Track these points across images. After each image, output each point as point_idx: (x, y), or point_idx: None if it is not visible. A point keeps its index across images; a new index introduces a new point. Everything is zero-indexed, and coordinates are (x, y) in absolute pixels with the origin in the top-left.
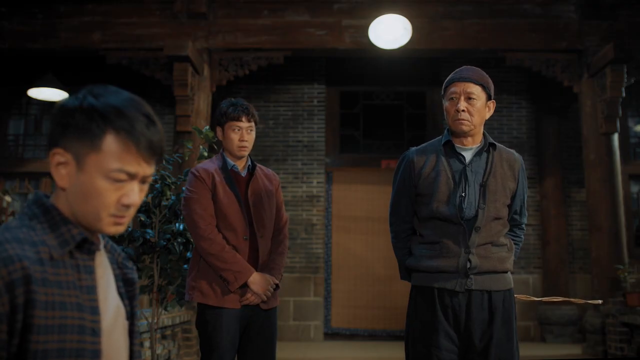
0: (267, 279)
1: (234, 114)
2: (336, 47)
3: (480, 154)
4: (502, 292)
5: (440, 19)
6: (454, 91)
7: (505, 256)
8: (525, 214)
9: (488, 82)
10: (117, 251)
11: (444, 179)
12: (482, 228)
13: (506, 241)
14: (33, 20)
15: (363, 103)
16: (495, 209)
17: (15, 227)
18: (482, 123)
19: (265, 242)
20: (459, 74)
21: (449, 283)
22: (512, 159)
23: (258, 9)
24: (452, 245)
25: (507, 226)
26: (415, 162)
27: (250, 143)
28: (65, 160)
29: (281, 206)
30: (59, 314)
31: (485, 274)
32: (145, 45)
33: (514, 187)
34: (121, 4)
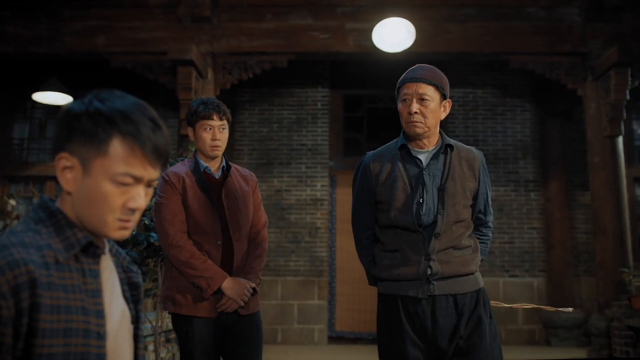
0: (241, 283)
1: (204, 112)
2: (340, 51)
3: (438, 156)
4: (469, 294)
5: (444, 22)
6: (405, 92)
7: (469, 258)
8: (491, 211)
9: (442, 80)
10: (122, 255)
11: (400, 186)
12: (442, 234)
13: (470, 242)
14: (37, 24)
15: (367, 106)
16: (455, 212)
17: (20, 231)
18: (437, 124)
19: (241, 245)
20: (410, 74)
21: (411, 290)
22: (472, 158)
23: (262, 12)
24: (411, 253)
25: (471, 227)
26: (372, 168)
27: (223, 142)
28: (71, 164)
29: (259, 207)
30: (64, 317)
31: (448, 278)
32: (149, 49)
33: (474, 187)
34: (125, 8)
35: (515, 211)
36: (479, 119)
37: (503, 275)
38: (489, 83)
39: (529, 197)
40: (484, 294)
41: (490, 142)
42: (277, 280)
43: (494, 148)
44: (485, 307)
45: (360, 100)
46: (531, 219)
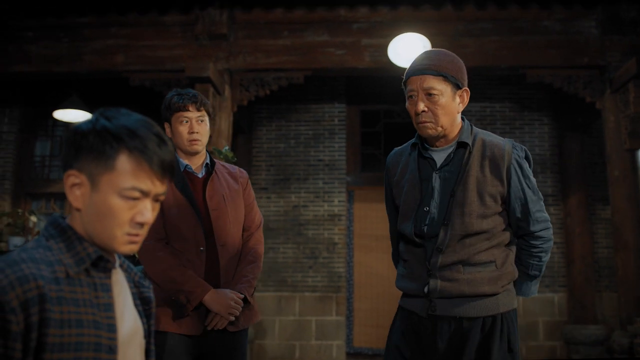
0: (227, 295)
1: (179, 103)
2: (356, 67)
3: (454, 155)
4: (480, 319)
5: (460, 36)
6: (411, 89)
7: (487, 277)
8: (539, 218)
9: (453, 67)
10: (133, 270)
11: (409, 189)
12: (445, 248)
13: (493, 257)
14: (59, 44)
15: (384, 121)
16: (464, 224)
17: (32, 248)
18: (453, 120)
19: (229, 251)
20: (414, 65)
21: (416, 306)
22: (499, 155)
23: (278, 29)
24: (416, 265)
25: (499, 239)
26: (391, 167)
27: (203, 136)
28: (80, 181)
29: (252, 206)
30: (75, 331)
31: (451, 298)
32: (167, 67)
33: (502, 191)
34: (144, 27)
35: None
36: (496, 133)
37: None
38: (507, 97)
39: (549, 211)
40: (505, 320)
41: None
42: (294, 296)
43: None
44: (503, 337)
45: (377, 116)
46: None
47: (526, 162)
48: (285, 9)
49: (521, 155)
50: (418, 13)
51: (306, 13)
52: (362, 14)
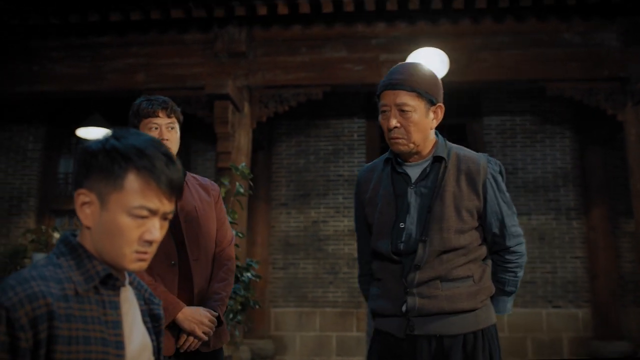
0: (201, 313)
1: (148, 109)
2: (374, 82)
3: (429, 170)
4: (461, 336)
5: (478, 50)
6: (384, 103)
7: (465, 292)
8: (514, 233)
9: (427, 83)
10: (144, 287)
11: (383, 206)
12: (423, 265)
13: (469, 272)
14: (82, 63)
15: None
16: (442, 240)
17: (42, 266)
18: (426, 137)
19: (202, 266)
20: (387, 79)
21: (392, 327)
22: (475, 170)
23: (296, 46)
24: (392, 284)
25: (475, 254)
26: (362, 184)
27: (173, 143)
28: (90, 200)
29: (224, 221)
30: (82, 348)
31: (430, 316)
32: (187, 84)
33: (477, 206)
34: (164, 46)
35: (557, 240)
36: (517, 146)
37: (546, 306)
38: (527, 110)
39: (571, 225)
40: (487, 336)
41: (529, 169)
42: (315, 312)
43: (534, 176)
44: (485, 354)
45: None
46: (574, 248)
47: (500, 177)
48: (303, 25)
49: (496, 169)
50: (436, 28)
51: (324, 29)
52: (380, 29)
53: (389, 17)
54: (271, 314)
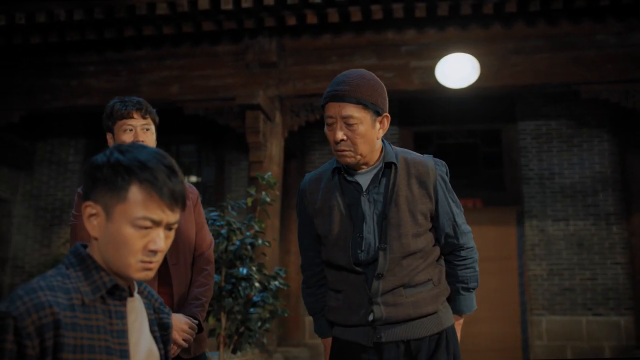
0: (182, 320)
1: (122, 110)
2: (405, 89)
3: (379, 176)
4: (427, 338)
5: (510, 55)
6: (329, 115)
7: (428, 296)
8: (465, 230)
9: (373, 94)
10: (155, 297)
11: (336, 217)
12: (385, 273)
13: (430, 275)
14: (118, 77)
15: (437, 143)
16: (402, 245)
17: (50, 276)
18: (373, 147)
19: (181, 271)
20: (332, 90)
21: (358, 337)
22: (424, 172)
23: (327, 55)
24: (354, 295)
25: (432, 255)
26: (308, 194)
27: (149, 145)
28: (96, 212)
29: (203, 225)
30: (87, 356)
31: (397, 324)
32: (219, 95)
33: (430, 208)
34: (196, 58)
35: (597, 246)
36: (553, 151)
37: (586, 314)
38: (563, 114)
39: (611, 230)
40: (448, 335)
41: (566, 175)
42: None
43: (571, 181)
44: (449, 351)
45: (430, 137)
46: (614, 254)
47: (447, 177)
48: (333, 34)
49: (443, 170)
50: (466, 33)
51: (354, 38)
52: (410, 36)
53: (418, 23)
54: (306, 322)
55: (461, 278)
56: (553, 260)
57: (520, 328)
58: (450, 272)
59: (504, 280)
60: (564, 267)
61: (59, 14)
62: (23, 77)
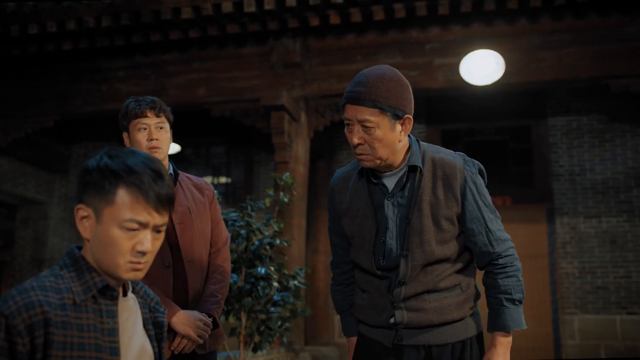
0: (195, 316)
1: (136, 109)
2: (429, 87)
3: (405, 179)
4: (450, 345)
5: (536, 50)
6: (347, 117)
7: (454, 302)
8: (501, 237)
9: (391, 96)
10: (150, 296)
11: (361, 219)
12: (408, 280)
13: (459, 279)
14: (146, 81)
15: (465, 140)
16: (424, 252)
17: (44, 276)
18: (394, 150)
19: (197, 268)
20: (349, 91)
21: (380, 337)
22: (451, 173)
23: (351, 55)
24: (378, 297)
25: (463, 262)
26: (336, 192)
27: (164, 143)
28: (87, 214)
29: (219, 222)
30: (77, 353)
31: (419, 328)
32: (245, 96)
33: (458, 212)
34: (223, 60)
35: (631, 243)
36: (584, 147)
37: (620, 313)
38: (594, 109)
39: None
40: (474, 344)
41: (598, 170)
42: None
43: (603, 177)
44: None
45: (458, 135)
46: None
47: (480, 179)
48: (357, 34)
49: (474, 171)
50: (491, 29)
51: (378, 37)
52: (434, 34)
53: (442, 21)
54: (335, 321)
55: (503, 288)
56: (585, 258)
57: (552, 327)
58: (491, 283)
59: (534, 278)
60: (596, 265)
61: (88, 20)
62: (55, 83)
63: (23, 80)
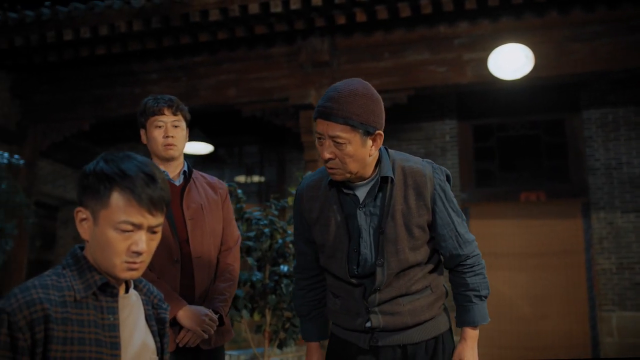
0: (201, 312)
1: (154, 107)
2: (458, 82)
3: (376, 189)
4: (423, 342)
5: (567, 42)
6: (318, 131)
7: (425, 303)
8: (468, 239)
9: (362, 113)
10: (154, 293)
11: (333, 228)
12: (383, 287)
13: (429, 281)
14: (177, 83)
15: (497, 135)
16: (399, 261)
17: (46, 275)
18: (364, 164)
19: (205, 264)
20: (320, 105)
21: (355, 338)
22: (421, 182)
23: (379, 52)
24: (352, 302)
25: (432, 264)
26: (305, 200)
27: (179, 141)
28: (86, 216)
29: (231, 221)
30: (77, 348)
31: (394, 331)
32: (275, 96)
33: (429, 219)
34: (252, 61)
35: None
36: (620, 140)
37: None
38: (631, 101)
39: None
40: (445, 340)
41: (635, 164)
42: None
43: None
44: (445, 356)
45: (490, 130)
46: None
47: (447, 185)
48: (384, 31)
49: (442, 178)
50: (520, 23)
51: (406, 33)
52: (463, 29)
53: (470, 15)
54: None
55: (472, 285)
56: (623, 254)
57: (589, 324)
58: (460, 282)
59: (570, 275)
60: (634, 261)
61: (120, 25)
62: (91, 87)
63: (60, 85)
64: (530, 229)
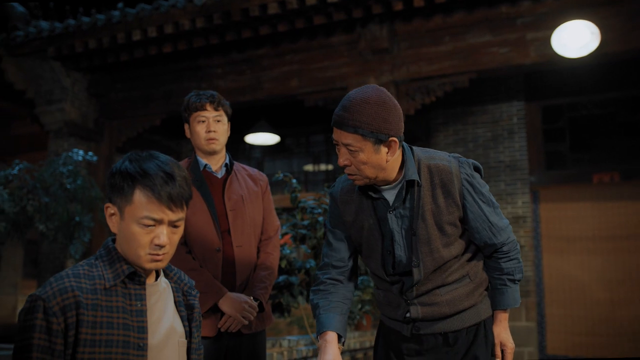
0: (241, 299)
1: (197, 103)
2: (521, 63)
3: (404, 191)
4: (464, 329)
5: (637, 15)
6: (334, 138)
7: (463, 292)
8: (502, 227)
9: (373, 121)
10: (184, 281)
11: (367, 231)
12: (420, 283)
13: (467, 270)
14: (242, 76)
15: (568, 115)
16: (434, 260)
17: (80, 265)
18: (381, 169)
19: (246, 254)
20: (334, 114)
21: (399, 327)
22: (448, 180)
23: (439, 35)
24: (392, 295)
25: (468, 255)
26: (340, 203)
27: (221, 135)
28: (114, 212)
29: (271, 211)
30: (105, 331)
31: (434, 320)
32: (336, 85)
33: (459, 214)
34: (314, 51)
35: None
36: None
37: None
38: None
39: None
40: (487, 326)
41: None
42: None
43: None
44: (488, 343)
45: (560, 110)
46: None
47: (477, 175)
48: (444, 14)
49: (469, 172)
50: None
51: (466, 15)
52: (525, 7)
53: None
54: None
55: (507, 270)
56: None
57: None
58: (495, 266)
59: None
60: None
61: (184, 23)
62: (160, 84)
63: (132, 83)
64: (604, 211)
